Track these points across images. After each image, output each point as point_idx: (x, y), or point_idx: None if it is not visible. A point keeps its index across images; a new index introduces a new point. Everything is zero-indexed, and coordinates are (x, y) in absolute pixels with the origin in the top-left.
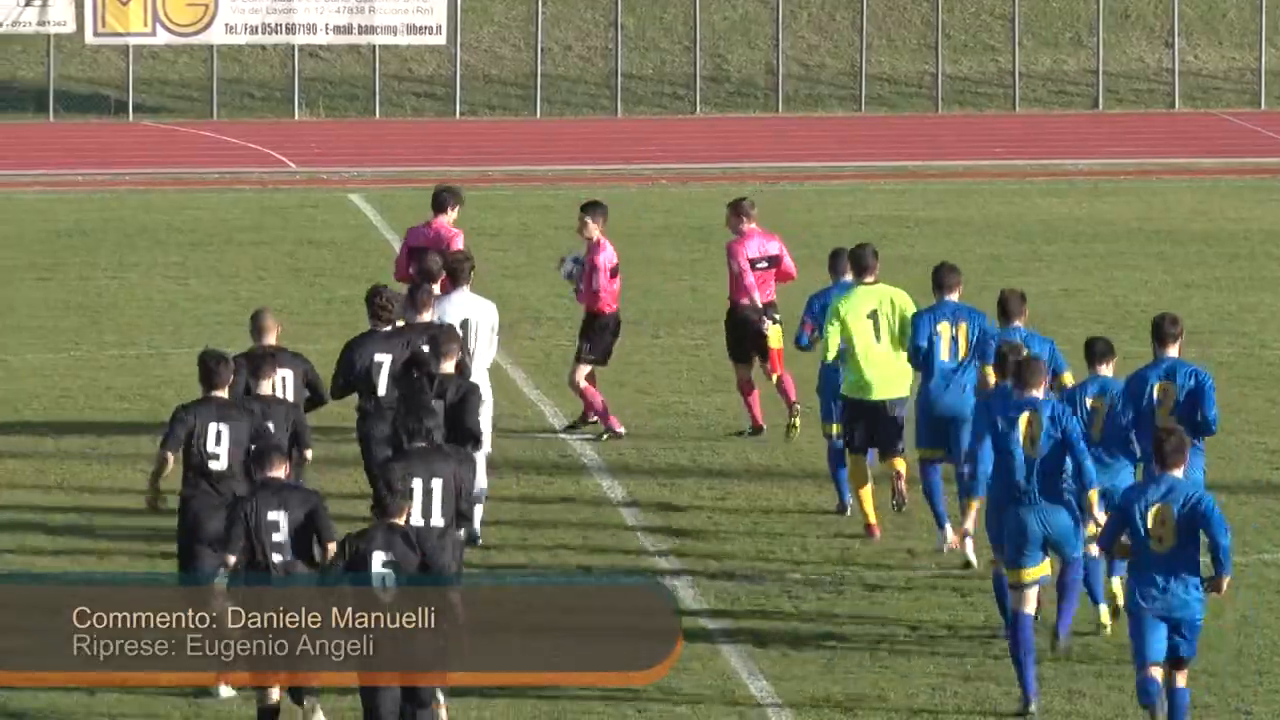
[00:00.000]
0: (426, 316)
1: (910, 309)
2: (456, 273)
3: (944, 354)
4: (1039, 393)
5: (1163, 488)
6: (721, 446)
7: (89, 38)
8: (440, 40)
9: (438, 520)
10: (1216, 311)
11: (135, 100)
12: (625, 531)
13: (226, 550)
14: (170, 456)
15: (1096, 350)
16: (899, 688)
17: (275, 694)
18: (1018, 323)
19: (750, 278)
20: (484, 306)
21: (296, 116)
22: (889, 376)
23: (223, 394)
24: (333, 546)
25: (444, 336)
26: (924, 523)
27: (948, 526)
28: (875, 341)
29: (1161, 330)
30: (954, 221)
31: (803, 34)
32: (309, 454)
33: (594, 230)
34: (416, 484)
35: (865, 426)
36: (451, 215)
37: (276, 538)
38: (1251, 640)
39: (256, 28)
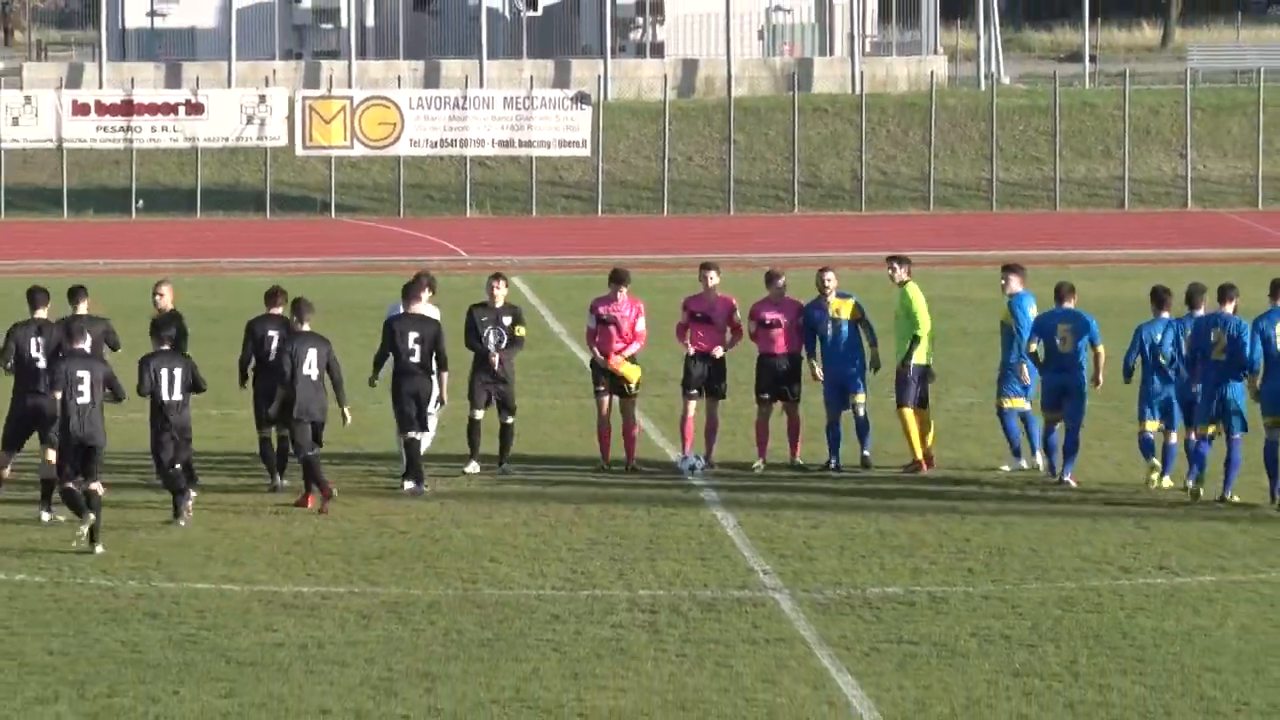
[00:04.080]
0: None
1: (917, 301)
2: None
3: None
4: None
5: None
6: (813, 483)
7: (299, 150)
8: (585, 152)
9: (178, 395)
10: None
11: (337, 201)
12: (735, 553)
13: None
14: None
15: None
16: (960, 682)
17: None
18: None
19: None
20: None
21: (468, 214)
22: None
23: (44, 314)
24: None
25: (419, 284)
26: (981, 548)
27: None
28: (898, 322)
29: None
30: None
31: (882, 147)
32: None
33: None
34: (164, 372)
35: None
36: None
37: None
38: (1249, 645)
39: (436, 142)
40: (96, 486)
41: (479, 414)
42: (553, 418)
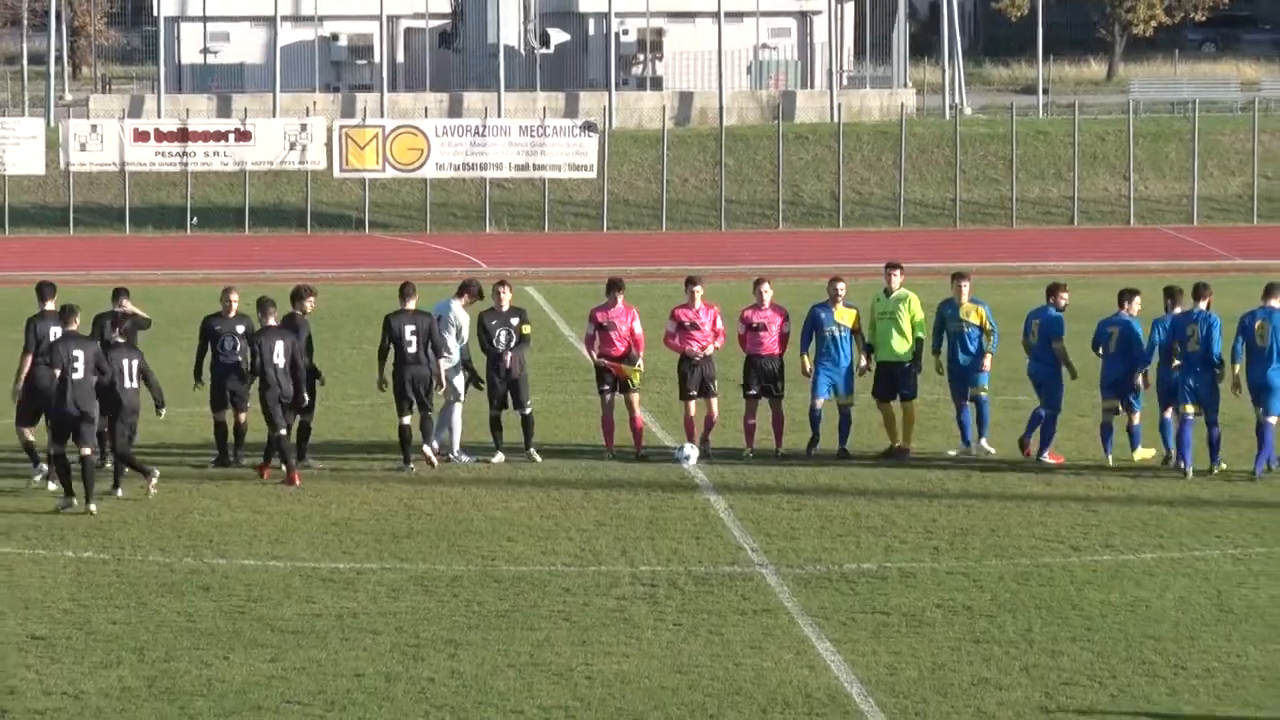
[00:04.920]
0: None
1: (917, 304)
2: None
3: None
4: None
5: None
6: (796, 470)
7: (336, 172)
8: (592, 175)
9: (133, 384)
10: None
11: (370, 218)
12: (726, 533)
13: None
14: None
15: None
16: (927, 647)
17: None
18: (1177, 309)
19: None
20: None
21: (487, 230)
22: (896, 348)
23: (52, 306)
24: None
25: (409, 288)
26: (946, 529)
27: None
28: (892, 324)
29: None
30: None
31: (857, 170)
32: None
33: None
34: (124, 363)
35: (886, 379)
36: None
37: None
38: (1186, 615)
39: (459, 165)
40: (88, 451)
41: (499, 413)
42: (562, 411)
